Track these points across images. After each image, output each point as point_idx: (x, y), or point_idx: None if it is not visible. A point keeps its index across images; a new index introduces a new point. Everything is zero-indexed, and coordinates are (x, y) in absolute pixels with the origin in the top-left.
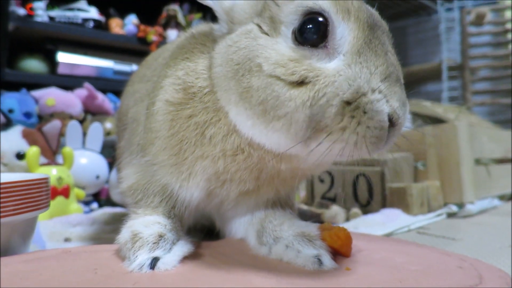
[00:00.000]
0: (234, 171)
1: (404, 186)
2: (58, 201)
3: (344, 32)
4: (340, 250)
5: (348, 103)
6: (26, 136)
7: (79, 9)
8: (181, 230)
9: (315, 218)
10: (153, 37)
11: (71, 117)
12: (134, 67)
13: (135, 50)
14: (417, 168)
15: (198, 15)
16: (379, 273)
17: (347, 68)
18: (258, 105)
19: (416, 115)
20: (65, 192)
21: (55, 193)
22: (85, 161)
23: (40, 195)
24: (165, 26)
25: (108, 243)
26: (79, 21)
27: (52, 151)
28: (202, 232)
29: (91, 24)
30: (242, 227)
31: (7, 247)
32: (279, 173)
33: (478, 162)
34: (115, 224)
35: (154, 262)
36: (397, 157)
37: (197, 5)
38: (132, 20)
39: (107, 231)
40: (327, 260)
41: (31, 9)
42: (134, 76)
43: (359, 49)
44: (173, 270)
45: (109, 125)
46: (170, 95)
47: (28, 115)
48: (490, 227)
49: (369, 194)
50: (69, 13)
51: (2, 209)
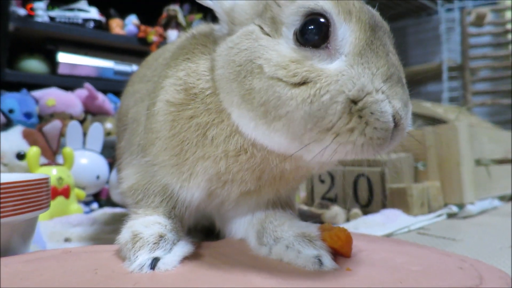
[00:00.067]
0: (236, 172)
1: (404, 186)
2: (58, 201)
3: (345, 33)
4: (341, 251)
5: (354, 102)
6: (27, 136)
7: (79, 10)
8: (181, 230)
9: (316, 219)
10: (153, 37)
11: (71, 117)
12: (134, 67)
13: (135, 50)
14: (417, 169)
15: (198, 15)
16: (379, 273)
17: (349, 69)
18: (260, 106)
19: (416, 115)
20: (66, 192)
21: (55, 193)
22: (85, 161)
23: (40, 195)
24: (166, 26)
25: (109, 243)
26: (80, 21)
27: (52, 151)
28: (202, 232)
29: (91, 25)
30: (242, 227)
31: (7, 247)
32: (282, 173)
33: (478, 162)
34: (115, 224)
35: (155, 262)
36: (397, 158)
37: (197, 5)
38: (132, 20)
39: (107, 232)
40: (327, 260)
41: (32, 9)
42: (134, 77)
43: (360, 50)
44: (174, 270)
45: (109, 125)
46: (171, 95)
47: (28, 115)
48: (491, 227)
49: (369, 195)
50: (69, 14)
51: (2, 209)
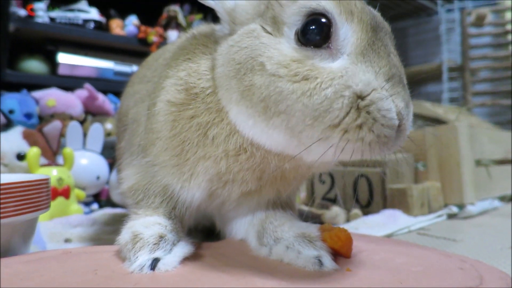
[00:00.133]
0: (237, 172)
1: (404, 187)
2: (58, 202)
3: (347, 33)
4: (341, 251)
5: (361, 97)
6: (27, 137)
7: (79, 10)
8: (181, 231)
9: (316, 219)
10: (153, 38)
11: (71, 118)
12: (134, 68)
13: (135, 51)
14: (417, 169)
15: (198, 15)
16: (379, 274)
17: (353, 66)
18: (259, 102)
19: (416, 116)
20: (66, 193)
21: (55, 193)
22: (85, 162)
23: (40, 195)
24: (166, 27)
25: (109, 244)
26: (80, 22)
27: (52, 151)
28: (202, 233)
29: (91, 25)
30: (242, 228)
31: (7, 247)
32: (282, 173)
33: (478, 163)
34: (115, 225)
35: (155, 263)
36: (398, 158)
37: (197, 5)
38: (132, 21)
39: (108, 232)
40: (327, 261)
41: (32, 10)
42: (134, 77)
43: (362, 50)
44: (174, 271)
45: (109, 126)
46: (171, 95)
47: (28, 115)
48: (491, 228)
49: (370, 195)
50: (69, 14)
51: (2, 210)
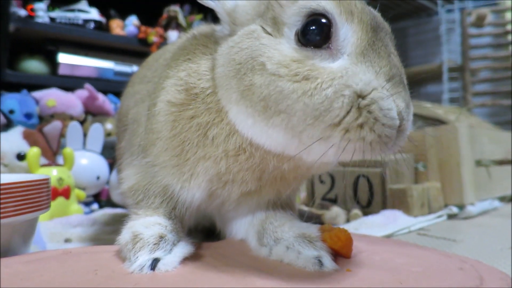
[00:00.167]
0: (236, 172)
1: (404, 187)
2: (58, 202)
3: (347, 34)
4: (341, 252)
5: (361, 97)
6: (27, 137)
7: (79, 10)
8: (181, 231)
9: (316, 219)
10: (153, 38)
11: (71, 118)
12: (134, 68)
13: (135, 51)
14: (417, 170)
15: (199, 16)
16: (379, 274)
17: (353, 66)
18: (259, 101)
19: (416, 116)
20: (66, 193)
21: (55, 194)
22: (85, 162)
23: (40, 196)
24: (166, 27)
25: (109, 244)
26: (80, 22)
27: (52, 152)
28: (202, 233)
29: (91, 25)
30: (242, 228)
31: (7, 248)
32: (282, 173)
33: (478, 163)
34: (115, 225)
35: (155, 263)
36: (398, 158)
37: (198, 6)
38: (132, 21)
39: (108, 232)
40: (327, 261)
41: (32, 10)
42: (134, 77)
43: (363, 50)
44: (174, 271)
45: (109, 126)
46: (172, 96)
47: (28, 116)
48: (491, 228)
49: (370, 195)
50: (70, 14)
51: (2, 210)
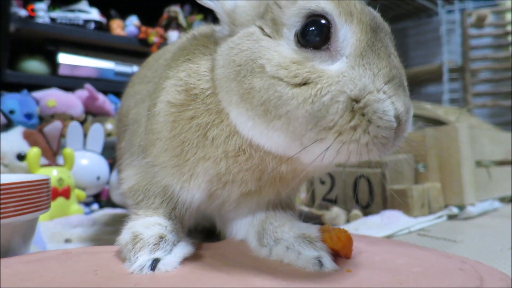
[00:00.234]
0: (236, 172)
1: (404, 188)
2: (58, 202)
3: (346, 35)
4: (341, 252)
5: (356, 101)
6: (27, 137)
7: (80, 11)
8: (181, 231)
9: (316, 220)
10: (154, 38)
11: (72, 118)
12: (135, 68)
13: (136, 51)
14: (417, 170)
15: (199, 16)
16: (379, 275)
17: (350, 70)
18: (259, 105)
19: (417, 117)
20: (66, 193)
21: (55, 194)
22: (85, 162)
23: (40, 196)
24: (166, 27)
25: (109, 244)
26: (80, 22)
27: (52, 152)
28: (202, 233)
29: (92, 26)
30: (242, 228)
31: (7, 248)
32: (281, 174)
33: (479, 164)
34: (115, 225)
35: (155, 263)
36: (398, 159)
37: (198, 6)
38: (133, 21)
39: (108, 232)
40: (327, 261)
41: (33, 10)
42: (134, 78)
43: (362, 51)
44: (174, 271)
45: (109, 126)
46: (171, 96)
47: (29, 116)
48: (491, 229)
49: (370, 196)
50: (70, 15)
51: (3, 210)
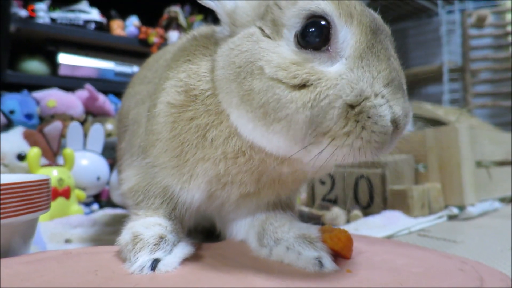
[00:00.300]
0: (235, 174)
1: (405, 188)
2: (58, 202)
3: (346, 36)
4: (341, 252)
5: (352, 106)
6: (27, 137)
7: (80, 11)
8: (181, 231)
9: (316, 220)
10: (154, 38)
11: (72, 118)
12: (135, 68)
13: (136, 51)
14: (418, 170)
15: (199, 17)
16: (379, 275)
17: (349, 72)
18: (259, 108)
19: (417, 117)
20: (66, 193)
21: (55, 194)
22: (86, 162)
23: (40, 196)
24: (167, 27)
25: (109, 244)
26: (81, 22)
27: (53, 152)
28: (202, 233)
29: (92, 26)
30: (242, 229)
31: (7, 248)
32: (281, 176)
33: (479, 164)
34: (115, 225)
35: (155, 263)
36: (398, 159)
37: (198, 7)
38: (133, 21)
39: (108, 233)
40: (327, 262)
41: (33, 10)
42: (135, 78)
43: (361, 53)
44: (174, 271)
45: (110, 126)
46: (171, 97)
47: (29, 116)
48: (491, 229)
49: (370, 196)
50: (70, 15)
51: (3, 210)
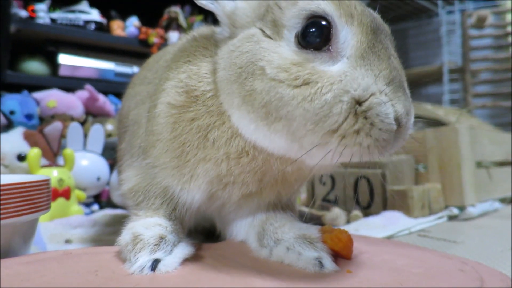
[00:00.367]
0: (238, 174)
1: (405, 188)
2: (59, 203)
3: (347, 36)
4: (341, 253)
5: (359, 103)
6: (27, 137)
7: (80, 11)
8: (182, 232)
9: (316, 221)
10: (154, 39)
11: (72, 118)
12: (135, 69)
13: (136, 52)
14: (418, 171)
15: (199, 17)
16: (380, 275)
17: (352, 70)
18: (261, 107)
19: (417, 117)
20: (66, 194)
21: (56, 194)
22: (86, 162)
23: (41, 196)
24: (167, 28)
25: (109, 245)
26: (81, 23)
27: (53, 152)
28: (203, 234)
29: (92, 26)
30: (243, 229)
31: (8, 248)
32: (283, 175)
33: (479, 164)
34: (116, 226)
35: (155, 264)
36: (398, 160)
37: (198, 7)
38: (133, 22)
39: (108, 233)
40: (328, 262)
41: (33, 11)
42: (135, 78)
43: (362, 53)
44: (174, 272)
45: (110, 126)
46: (172, 98)
47: (29, 116)
48: (491, 230)
49: (370, 197)
50: (70, 15)
51: (3, 211)
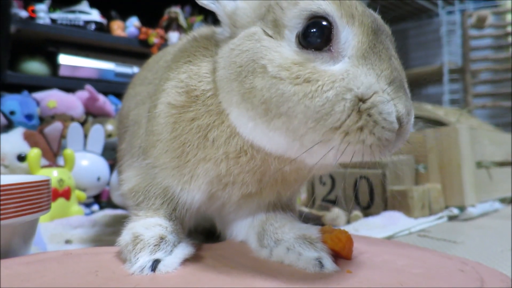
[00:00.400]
0: (237, 174)
1: (405, 188)
2: (59, 203)
3: (348, 37)
4: (341, 253)
5: (362, 100)
6: (28, 138)
7: (80, 12)
8: (182, 232)
9: (316, 221)
10: (154, 39)
11: (72, 119)
12: (135, 69)
13: (136, 52)
14: (418, 171)
15: (199, 17)
16: (380, 276)
17: (354, 68)
18: (260, 104)
19: (417, 118)
20: (66, 194)
21: (56, 195)
22: (86, 163)
23: (41, 197)
24: (167, 28)
25: (109, 245)
26: (81, 23)
27: (53, 153)
28: (203, 234)
29: (92, 27)
30: (243, 229)
31: (8, 249)
32: (283, 175)
33: (479, 165)
34: (116, 226)
35: (155, 264)
36: (398, 160)
37: (198, 7)
38: (133, 22)
39: (108, 233)
40: (328, 262)
41: (33, 11)
42: (135, 79)
43: (363, 53)
44: (174, 272)
45: (110, 127)
46: (172, 98)
47: (29, 117)
48: (491, 230)
49: (370, 197)
50: (71, 16)
51: (3, 211)
